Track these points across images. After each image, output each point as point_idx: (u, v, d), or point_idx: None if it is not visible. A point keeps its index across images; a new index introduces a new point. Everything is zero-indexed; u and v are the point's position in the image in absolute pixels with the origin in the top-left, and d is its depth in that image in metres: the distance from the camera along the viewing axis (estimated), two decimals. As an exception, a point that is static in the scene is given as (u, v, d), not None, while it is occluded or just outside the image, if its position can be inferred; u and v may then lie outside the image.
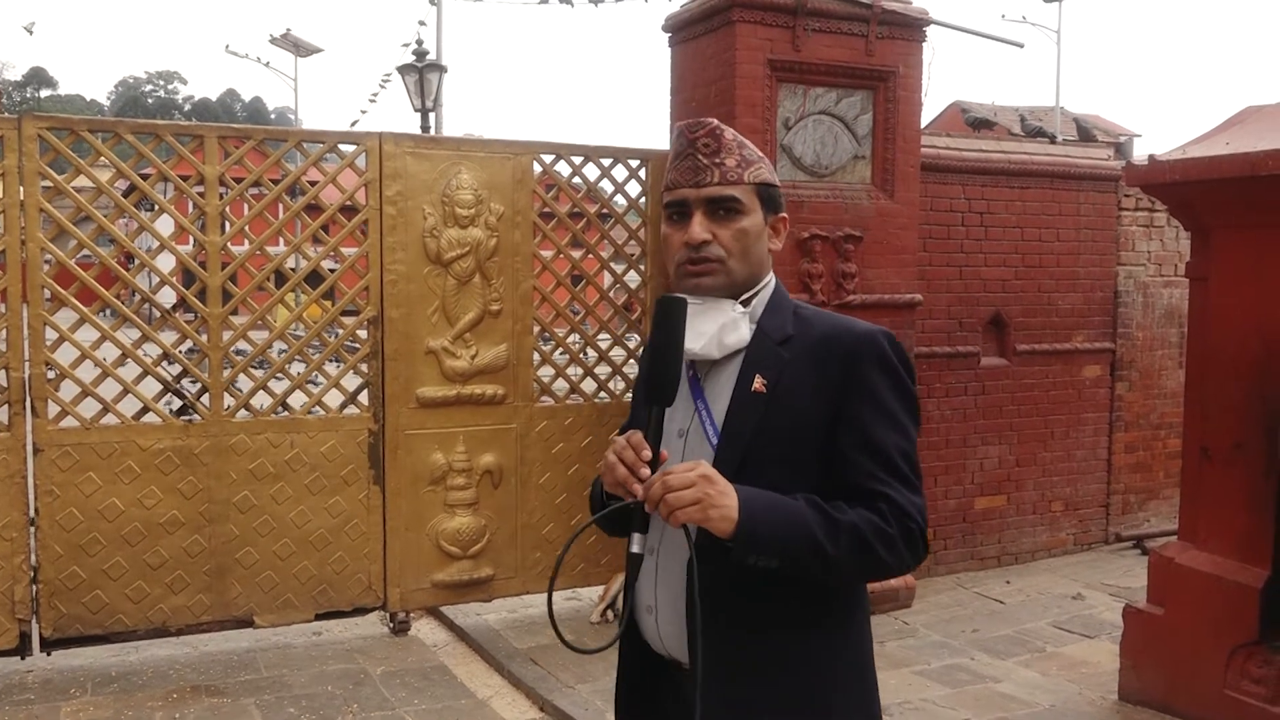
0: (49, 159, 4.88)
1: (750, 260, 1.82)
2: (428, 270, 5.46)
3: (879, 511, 1.67)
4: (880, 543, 1.66)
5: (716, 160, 1.80)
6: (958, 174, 6.65)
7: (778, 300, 1.86)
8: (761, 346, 1.79)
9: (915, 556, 1.72)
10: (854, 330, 1.79)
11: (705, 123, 1.82)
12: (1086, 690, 4.85)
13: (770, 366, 1.76)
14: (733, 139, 1.82)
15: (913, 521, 1.69)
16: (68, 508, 4.90)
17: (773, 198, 1.85)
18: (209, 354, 5.17)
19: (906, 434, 1.75)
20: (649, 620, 1.83)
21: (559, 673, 5.01)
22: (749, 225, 1.81)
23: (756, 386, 1.75)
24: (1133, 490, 7.49)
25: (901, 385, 1.76)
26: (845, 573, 1.71)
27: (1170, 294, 7.48)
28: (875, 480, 1.70)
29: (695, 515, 1.58)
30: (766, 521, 1.61)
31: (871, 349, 1.75)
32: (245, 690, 4.85)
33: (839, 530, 1.64)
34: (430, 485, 5.54)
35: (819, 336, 1.79)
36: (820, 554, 1.64)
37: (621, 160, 6.00)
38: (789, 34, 5.58)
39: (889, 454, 1.71)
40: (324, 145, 5.42)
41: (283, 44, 26.35)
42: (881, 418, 1.72)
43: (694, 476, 1.60)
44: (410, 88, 13.68)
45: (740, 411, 1.75)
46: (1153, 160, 4.57)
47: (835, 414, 1.73)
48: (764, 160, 1.85)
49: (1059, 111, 22.09)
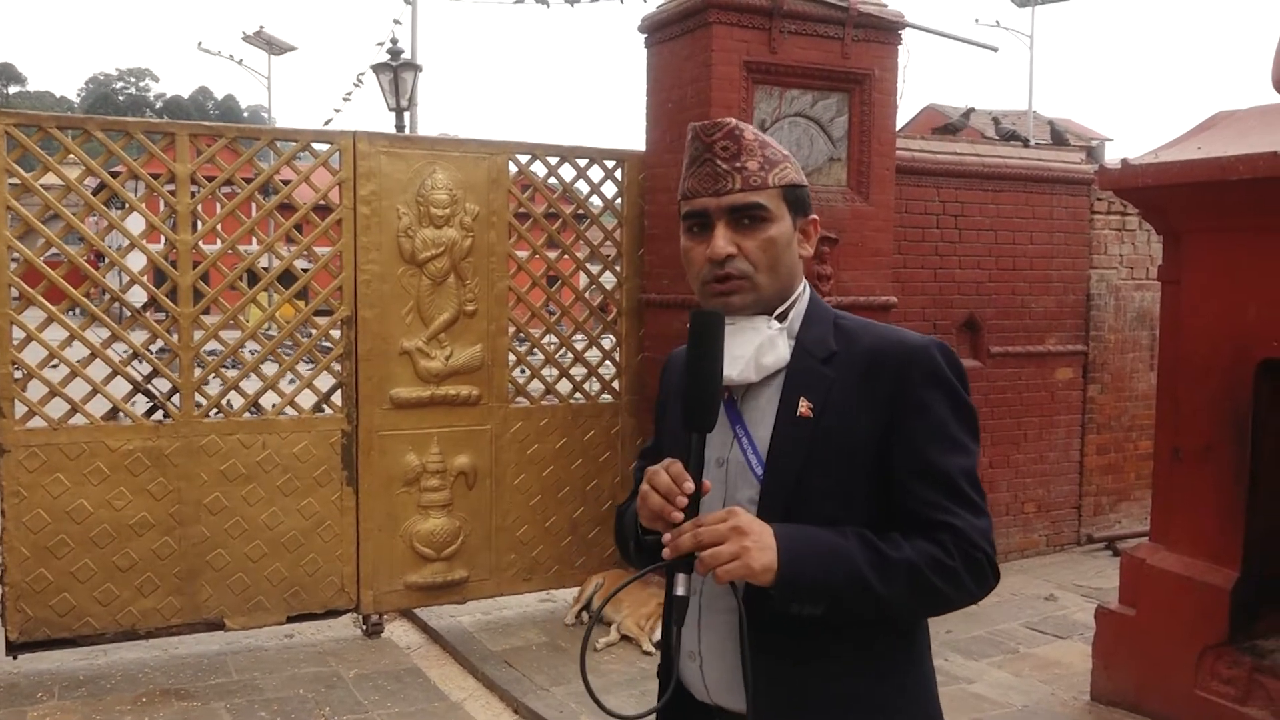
0: (16, 156, 4.82)
1: (781, 272, 1.65)
2: (402, 270, 5.43)
3: (940, 543, 1.54)
4: (940, 577, 1.52)
5: (738, 164, 1.63)
6: (932, 177, 6.68)
7: (815, 311, 1.69)
8: (803, 365, 1.63)
9: (983, 586, 1.58)
10: (904, 343, 1.63)
11: (723, 123, 1.65)
12: (1059, 691, 4.88)
13: (815, 388, 1.61)
14: (754, 139, 1.65)
15: (979, 550, 1.55)
16: (35, 509, 4.83)
17: (801, 199, 1.68)
18: (180, 354, 5.11)
19: (967, 453, 1.60)
20: (692, 667, 1.69)
21: (533, 675, 4.98)
22: (777, 234, 1.64)
23: (802, 411, 1.60)
24: (1105, 492, 7.54)
25: (958, 401, 1.61)
26: (901, 612, 1.58)
27: (1142, 297, 7.54)
28: (937, 509, 1.55)
29: (738, 571, 1.46)
30: (810, 566, 1.49)
31: (924, 364, 1.60)
32: (216, 694, 4.79)
33: (892, 568, 1.51)
34: (404, 486, 5.50)
35: (865, 351, 1.63)
36: (870, 595, 1.51)
37: (597, 161, 5.99)
38: (765, 36, 5.58)
39: (950, 477, 1.56)
40: (297, 144, 5.38)
41: (256, 41, 26.18)
42: (939, 439, 1.58)
43: (726, 530, 1.46)
44: (385, 87, 13.60)
45: (786, 439, 1.60)
46: (1125, 164, 4.60)
47: (888, 437, 1.58)
48: (789, 159, 1.68)
49: (1032, 115, 22.26)
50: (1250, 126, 4.41)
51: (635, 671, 4.96)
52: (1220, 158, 4.13)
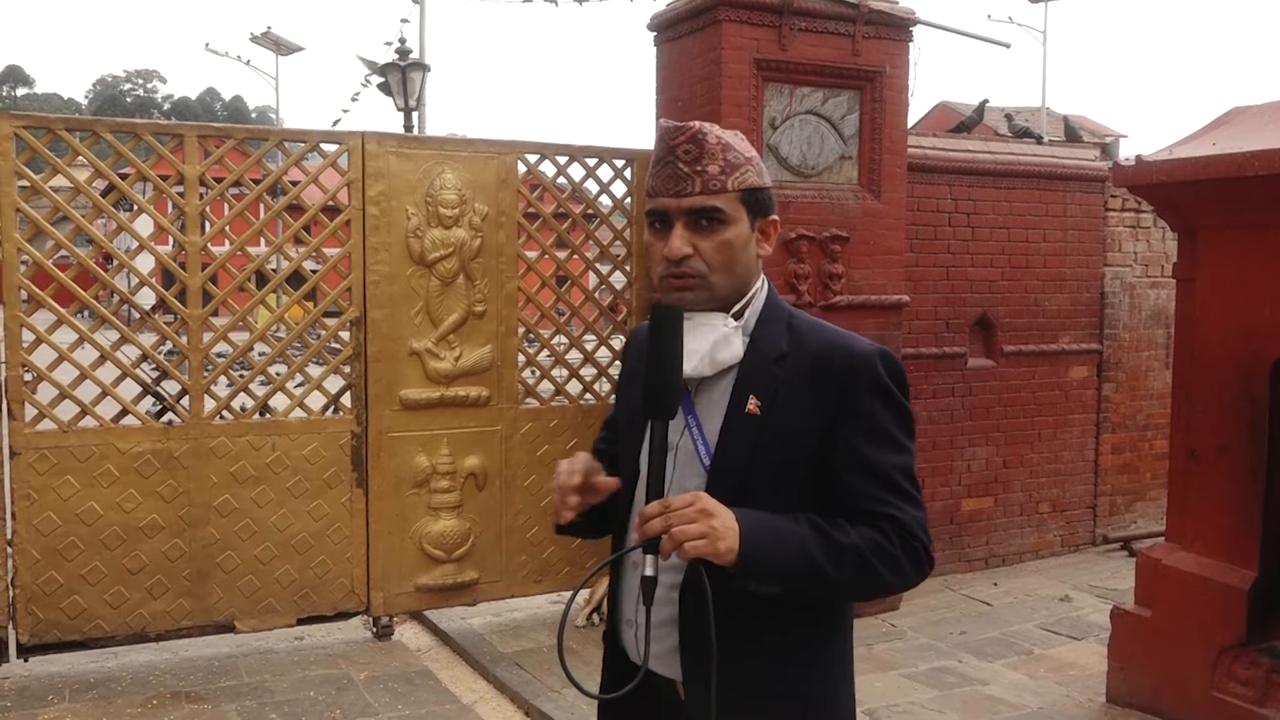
0: (26, 158, 4.81)
1: (736, 271, 1.75)
2: (411, 271, 5.41)
3: (882, 530, 1.66)
4: (883, 562, 1.65)
5: (698, 168, 1.71)
6: (944, 174, 6.63)
7: (771, 310, 1.80)
8: (755, 364, 1.74)
9: (919, 572, 1.71)
10: (850, 350, 1.73)
11: (686, 128, 1.73)
12: (1074, 692, 4.83)
13: (765, 387, 1.72)
14: (716, 143, 1.73)
15: (916, 539, 1.68)
16: (45, 512, 4.83)
17: (760, 201, 1.77)
18: (189, 356, 5.11)
19: (904, 451, 1.73)
20: (628, 634, 1.83)
21: (544, 677, 4.96)
22: (733, 236, 1.73)
23: (750, 408, 1.71)
24: (1120, 492, 7.49)
25: (897, 406, 1.73)
26: (847, 593, 1.72)
27: (1157, 295, 7.48)
28: (877, 502, 1.68)
29: (705, 549, 1.55)
30: (768, 549, 1.60)
31: (867, 373, 1.71)
32: (226, 696, 4.78)
33: (841, 553, 1.63)
34: (414, 488, 5.48)
35: (813, 354, 1.73)
36: (822, 577, 1.63)
37: (607, 160, 5.96)
38: (775, 33, 5.55)
39: (889, 474, 1.69)
40: (306, 145, 5.36)
41: (263, 42, 26.19)
42: (879, 440, 1.70)
43: (694, 512, 1.56)
44: (393, 87, 13.60)
45: (734, 434, 1.71)
46: (1140, 161, 4.55)
47: (831, 436, 1.70)
48: (752, 161, 1.76)
49: (1045, 112, 22.16)
50: (1266, 122, 4.36)
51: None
52: (1236, 154, 4.09)
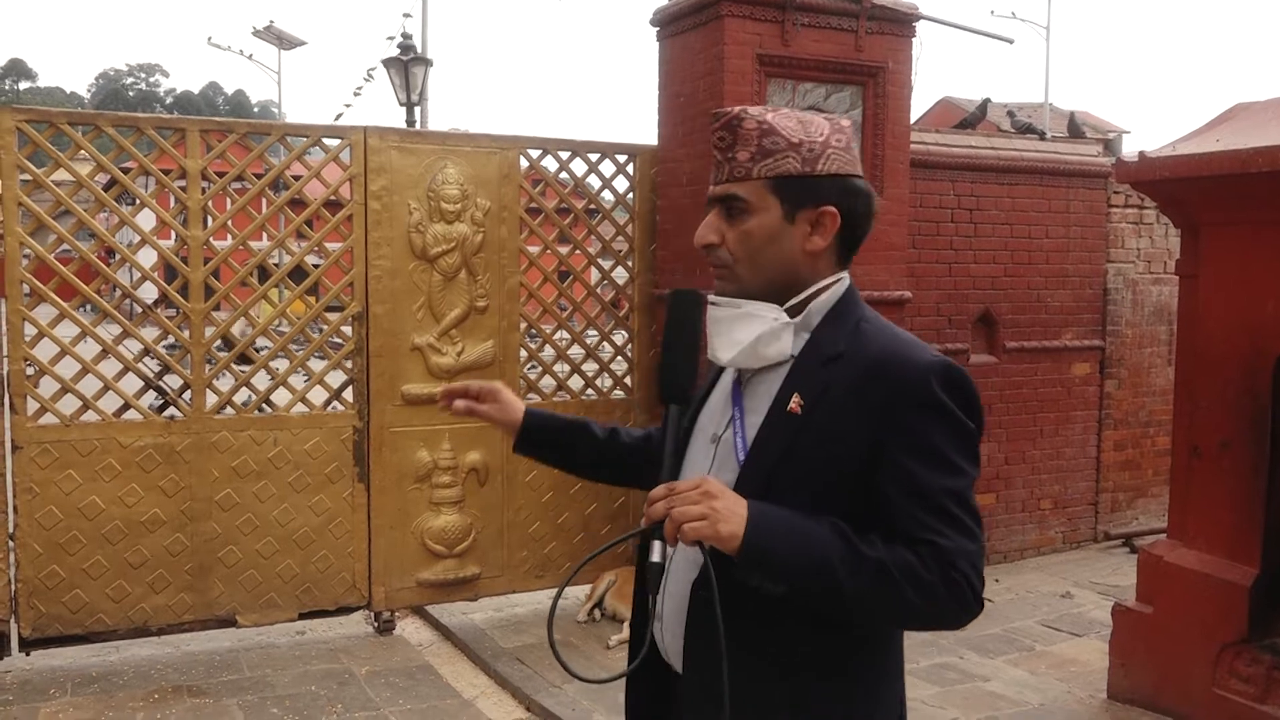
0: (28, 152, 4.81)
1: (764, 265, 1.64)
2: (413, 266, 5.41)
3: (918, 555, 1.50)
4: (912, 586, 1.49)
5: (729, 155, 1.65)
6: (947, 170, 6.62)
7: (844, 308, 1.67)
8: (807, 362, 1.63)
9: (964, 610, 1.53)
10: (907, 361, 1.58)
11: (723, 114, 1.66)
12: (1075, 689, 4.83)
13: (811, 386, 1.60)
14: (755, 128, 1.63)
15: (956, 570, 1.50)
16: (47, 506, 4.83)
17: (799, 190, 1.63)
18: (191, 350, 5.11)
19: (959, 474, 1.55)
20: (657, 629, 1.75)
21: (545, 672, 4.96)
22: (753, 226, 1.63)
23: (792, 407, 1.60)
24: (1122, 488, 7.48)
25: (954, 425, 1.56)
26: (865, 611, 1.55)
27: (1159, 291, 7.47)
28: (919, 526, 1.51)
29: (705, 531, 1.48)
30: (776, 541, 1.49)
31: (920, 389, 1.55)
32: (228, 690, 4.79)
33: (860, 562, 1.49)
34: (415, 483, 5.49)
35: (868, 360, 1.59)
36: (834, 585, 1.49)
37: (609, 155, 5.96)
38: (778, 28, 5.54)
39: (935, 497, 1.52)
40: (308, 139, 5.36)
41: (266, 36, 26.20)
42: (928, 460, 1.54)
43: (697, 494, 1.49)
44: (395, 81, 13.59)
45: (771, 431, 1.61)
46: (1143, 157, 4.54)
47: (876, 450, 1.55)
48: (799, 146, 1.62)
49: (1048, 108, 22.13)
50: (1270, 118, 4.35)
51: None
52: (1239, 150, 4.08)
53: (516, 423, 1.98)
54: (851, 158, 1.67)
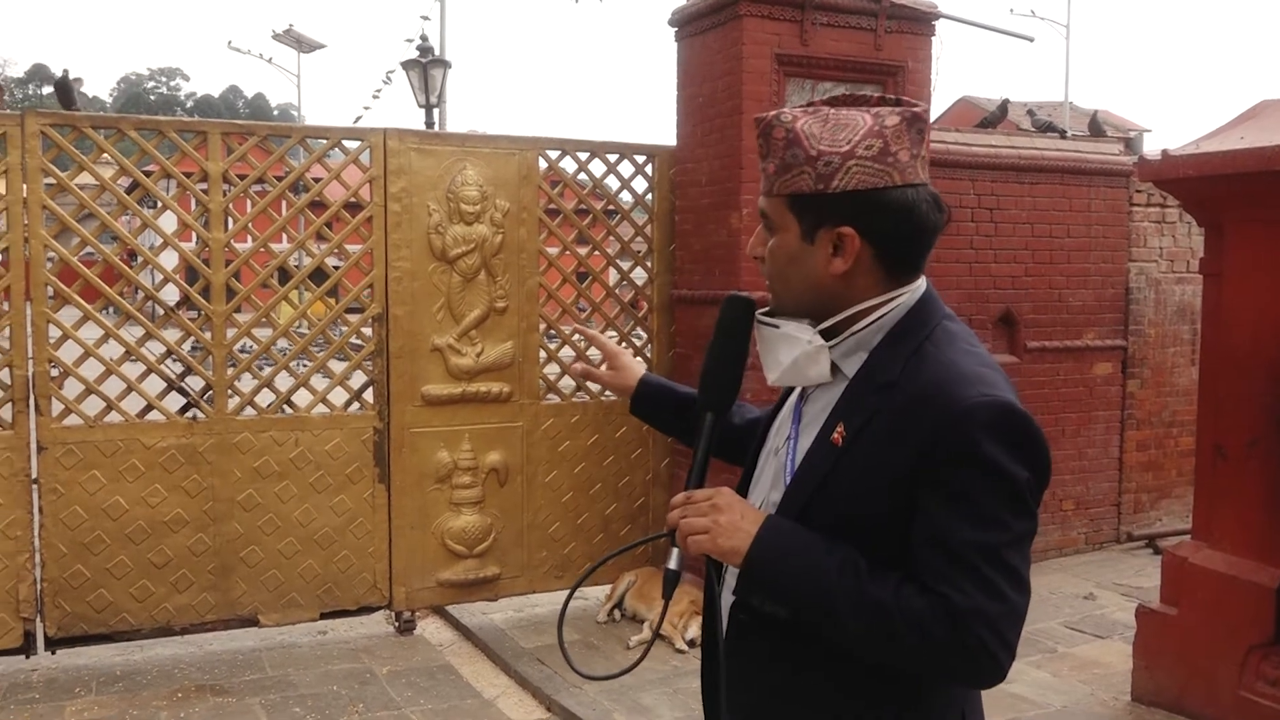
0: (52, 155, 4.85)
1: (790, 285, 1.55)
2: (433, 267, 5.43)
3: (929, 605, 1.37)
4: (914, 635, 1.37)
5: (764, 165, 1.55)
6: (967, 169, 6.59)
7: (909, 327, 1.52)
8: (858, 387, 1.52)
9: (975, 670, 1.39)
10: (952, 400, 1.42)
11: (761, 119, 1.55)
12: (1099, 691, 4.80)
13: (856, 415, 1.49)
14: (781, 137, 1.51)
15: (970, 633, 1.35)
16: (72, 506, 4.87)
17: (812, 208, 1.50)
18: (213, 351, 5.14)
19: (996, 528, 1.39)
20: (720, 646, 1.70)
21: (566, 673, 4.97)
22: (777, 245, 1.55)
23: (835, 436, 1.49)
24: (1145, 489, 7.42)
25: (995, 475, 1.39)
26: (868, 649, 1.44)
27: (1183, 290, 7.41)
28: (934, 576, 1.38)
29: (705, 545, 1.47)
30: (780, 564, 1.44)
31: (958, 431, 1.40)
32: (250, 690, 4.81)
33: (863, 601, 1.40)
34: (436, 483, 5.50)
35: (914, 392, 1.45)
36: (831, 617, 1.41)
37: (628, 156, 5.96)
38: (797, 28, 5.53)
39: (959, 550, 1.38)
40: (328, 141, 5.39)
41: (285, 40, 26.36)
42: (960, 511, 1.39)
43: (706, 505, 1.48)
44: (414, 83, 13.64)
45: (814, 459, 1.52)
46: (1166, 155, 4.51)
47: (910, 492, 1.43)
48: (816, 160, 1.48)
49: (1068, 106, 22.01)
50: (1295, 115, 4.31)
51: (668, 669, 4.93)
52: (1264, 147, 4.04)
53: (631, 387, 2.03)
54: (882, 168, 1.48)
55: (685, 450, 5.92)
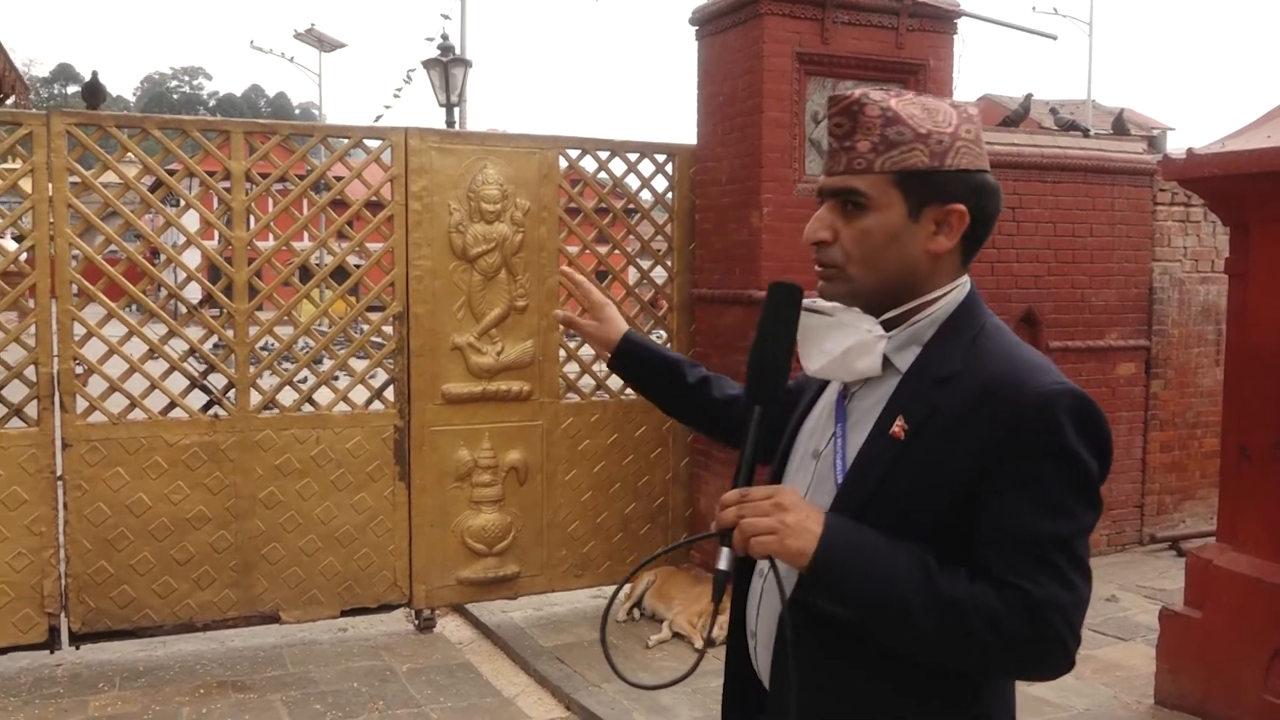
0: (77, 155, 4.89)
1: (881, 268, 1.50)
2: (453, 266, 5.44)
3: (1005, 601, 1.36)
4: (992, 632, 1.36)
5: (847, 144, 1.50)
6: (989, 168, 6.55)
7: (960, 320, 1.52)
8: (915, 380, 1.49)
9: (1046, 663, 1.39)
10: (1026, 389, 1.41)
11: (843, 98, 1.51)
12: (1121, 694, 4.76)
13: (918, 408, 1.46)
14: (878, 116, 1.49)
15: (1047, 625, 1.36)
16: (96, 502, 4.91)
17: (926, 186, 1.48)
18: (235, 349, 5.17)
19: (1070, 519, 1.40)
20: (751, 644, 1.67)
21: (585, 671, 4.97)
22: (873, 224, 1.49)
23: (895, 430, 1.46)
24: (1168, 490, 7.36)
25: (1075, 464, 1.40)
26: (936, 651, 1.42)
27: (1207, 290, 7.35)
28: (1011, 570, 1.37)
29: (773, 546, 1.38)
30: (848, 564, 1.39)
31: (1039, 421, 1.39)
32: (271, 686, 4.84)
33: (937, 600, 1.37)
34: (456, 482, 5.52)
35: (983, 383, 1.44)
36: (905, 618, 1.38)
37: (648, 155, 5.96)
38: (818, 26, 5.51)
39: (1038, 544, 1.38)
40: (349, 140, 5.41)
41: (307, 39, 26.51)
42: (1036, 502, 1.39)
43: (769, 505, 1.39)
44: (435, 82, 13.67)
45: (870, 455, 1.48)
46: (1191, 154, 4.47)
47: (978, 483, 1.41)
48: (928, 138, 1.48)
49: (1091, 104, 21.86)
50: (1324, 113, 4.27)
51: (687, 669, 4.92)
52: (1292, 146, 4.00)
53: (613, 342, 2.03)
54: (981, 151, 1.53)
55: (706, 450, 5.92)
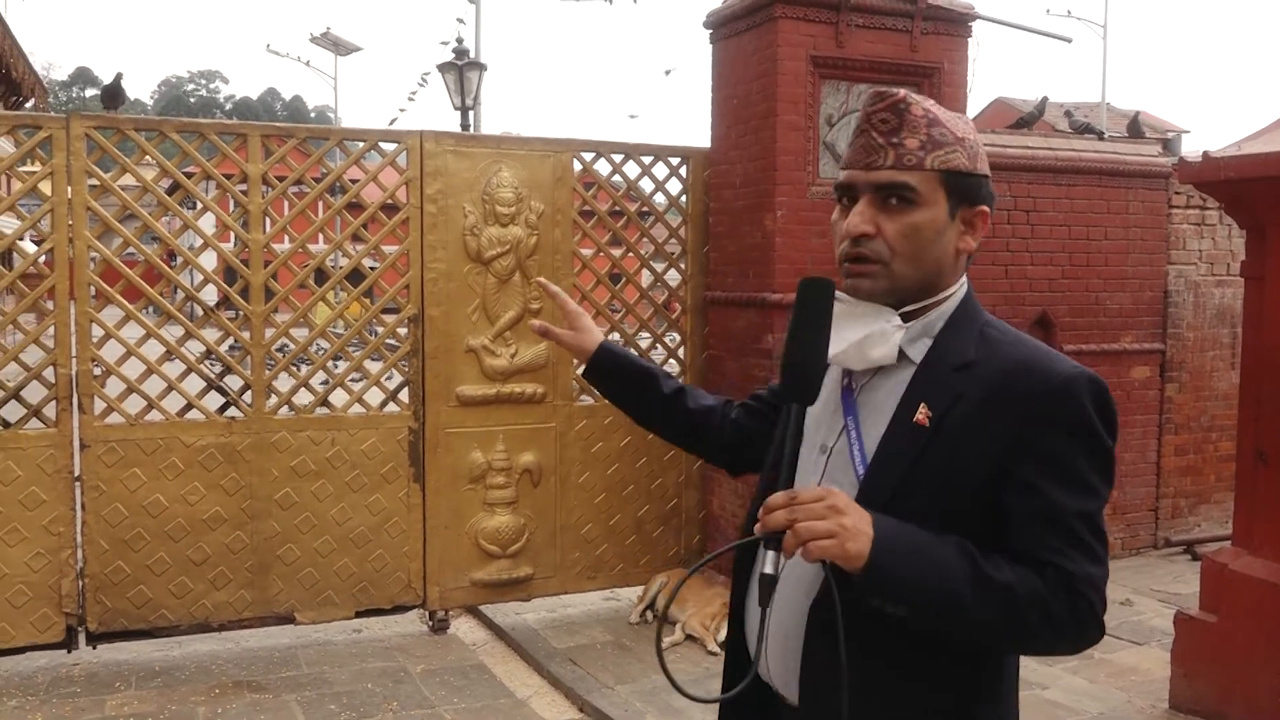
0: (95, 157, 4.93)
1: (923, 263, 1.55)
2: (468, 268, 5.46)
3: (1045, 579, 1.42)
4: (1037, 613, 1.41)
5: (894, 140, 1.53)
6: (1003, 171, 6.54)
7: (966, 313, 1.58)
8: (933, 370, 1.53)
9: (1082, 635, 1.45)
10: (1049, 373, 1.49)
11: (888, 94, 1.55)
12: (1136, 698, 4.75)
13: (940, 396, 1.50)
14: (922, 115, 1.54)
15: (1082, 598, 1.43)
16: (113, 503, 4.94)
17: (967, 188, 1.56)
18: (251, 351, 5.19)
19: (1094, 496, 1.47)
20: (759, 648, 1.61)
21: (598, 673, 4.98)
22: (922, 220, 1.53)
23: (919, 418, 1.50)
24: (1183, 494, 7.33)
25: (1096, 443, 1.48)
26: (987, 637, 1.47)
27: (1222, 294, 7.32)
28: (1045, 549, 1.44)
29: (832, 550, 1.36)
30: (902, 562, 1.39)
31: (1065, 402, 1.47)
32: (286, 686, 4.86)
33: (988, 587, 1.40)
34: (470, 484, 5.53)
35: (1004, 370, 1.50)
36: (959, 609, 1.40)
37: (662, 158, 5.97)
38: (832, 29, 5.51)
39: (1068, 521, 1.44)
40: (365, 143, 5.43)
41: (323, 43, 26.63)
42: (1064, 481, 1.45)
43: (823, 508, 1.37)
44: (450, 86, 13.72)
45: (895, 444, 1.51)
46: (1206, 157, 4.46)
47: (1006, 467, 1.47)
48: (964, 142, 1.55)
49: (1105, 107, 21.77)
50: (1341, 116, 4.25)
51: (700, 671, 4.93)
52: (1309, 149, 3.99)
53: (589, 351, 2.00)
54: (984, 158, 1.62)
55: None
